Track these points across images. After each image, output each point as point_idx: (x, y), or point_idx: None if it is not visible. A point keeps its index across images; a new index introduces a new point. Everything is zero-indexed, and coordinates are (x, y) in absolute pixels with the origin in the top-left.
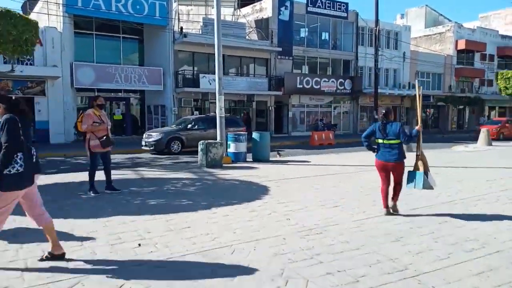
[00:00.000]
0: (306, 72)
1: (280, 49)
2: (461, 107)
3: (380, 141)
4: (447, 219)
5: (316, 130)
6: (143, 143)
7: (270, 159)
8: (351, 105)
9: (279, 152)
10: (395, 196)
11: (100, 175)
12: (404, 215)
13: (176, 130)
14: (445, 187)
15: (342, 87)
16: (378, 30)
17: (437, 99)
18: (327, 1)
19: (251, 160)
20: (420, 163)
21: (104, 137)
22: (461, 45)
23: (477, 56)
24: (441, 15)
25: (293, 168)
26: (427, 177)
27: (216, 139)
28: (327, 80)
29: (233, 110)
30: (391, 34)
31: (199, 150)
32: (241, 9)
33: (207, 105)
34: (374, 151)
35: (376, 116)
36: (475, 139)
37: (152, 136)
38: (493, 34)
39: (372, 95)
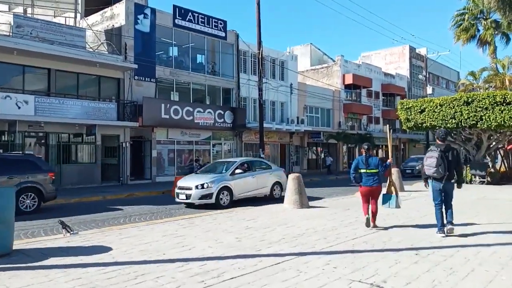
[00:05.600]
0: (176, 100)
1: (136, 66)
2: (351, 145)
3: (363, 171)
4: None
5: (192, 172)
6: None
7: (41, 245)
8: (234, 142)
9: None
10: (374, 218)
11: None
12: None
13: None
14: None
15: (222, 120)
16: (261, 52)
17: (328, 135)
18: (200, 15)
19: None
20: (392, 188)
21: None
22: (348, 79)
23: (364, 92)
24: (325, 54)
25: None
26: (398, 199)
27: None
28: (202, 110)
29: (65, 147)
30: (276, 62)
31: None
32: (88, 18)
33: (18, 139)
34: (358, 183)
35: (262, 155)
36: None
37: None
38: (377, 70)
39: (257, 131)
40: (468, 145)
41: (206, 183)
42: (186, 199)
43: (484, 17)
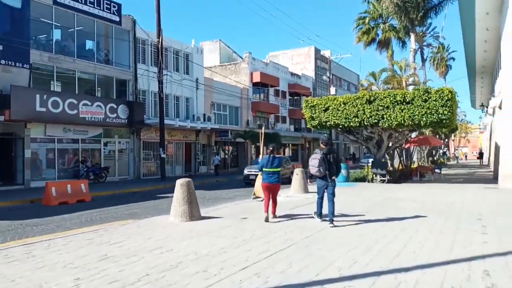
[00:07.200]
0: (58, 90)
1: (1, 47)
2: (259, 144)
3: (267, 169)
4: None
5: (77, 176)
6: None
7: None
8: (131, 140)
9: None
10: (274, 209)
11: None
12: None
13: None
14: None
15: (115, 115)
16: (161, 41)
17: (236, 134)
18: None
19: None
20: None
21: None
22: (256, 77)
23: (271, 91)
24: (235, 52)
25: None
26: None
27: None
28: (89, 103)
29: None
30: (180, 54)
31: None
32: None
33: None
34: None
35: (162, 155)
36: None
37: None
38: (284, 70)
39: (158, 128)
40: (370, 144)
41: None
42: None
43: (383, 21)
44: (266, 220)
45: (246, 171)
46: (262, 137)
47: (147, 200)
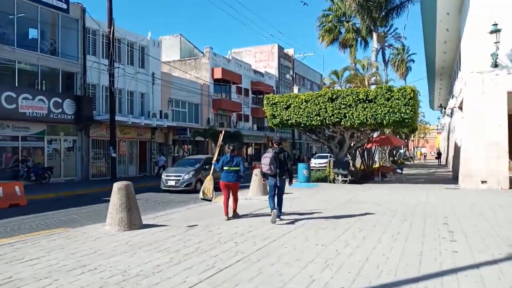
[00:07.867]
0: None
1: None
2: (221, 143)
3: (226, 168)
4: None
5: (17, 177)
6: None
7: None
8: (79, 137)
9: None
10: (235, 207)
11: None
12: None
13: None
14: None
15: (60, 111)
16: (113, 31)
17: (195, 133)
18: None
19: None
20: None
21: None
22: (218, 73)
23: (233, 88)
24: (196, 47)
25: None
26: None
27: None
28: (30, 97)
29: None
30: (135, 47)
31: None
32: None
33: None
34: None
35: (113, 155)
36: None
37: None
38: (247, 67)
39: (109, 125)
40: (332, 143)
41: None
42: None
43: (346, 20)
44: (228, 219)
45: (164, 176)
46: (221, 138)
47: (92, 203)
